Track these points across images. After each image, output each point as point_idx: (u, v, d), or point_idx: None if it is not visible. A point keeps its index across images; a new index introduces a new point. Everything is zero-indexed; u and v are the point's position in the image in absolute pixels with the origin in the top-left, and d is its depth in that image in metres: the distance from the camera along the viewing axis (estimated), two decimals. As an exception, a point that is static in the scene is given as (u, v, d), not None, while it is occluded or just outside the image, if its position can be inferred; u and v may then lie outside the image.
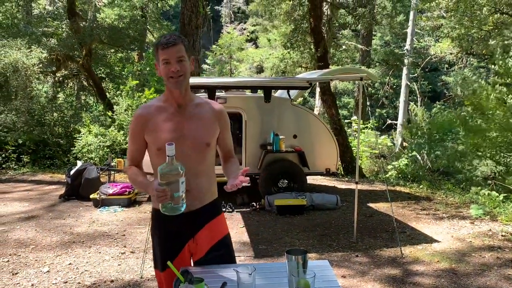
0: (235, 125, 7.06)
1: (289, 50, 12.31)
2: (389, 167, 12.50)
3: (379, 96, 25.90)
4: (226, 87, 7.19)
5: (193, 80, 5.96)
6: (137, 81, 12.49)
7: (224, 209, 6.62)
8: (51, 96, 12.67)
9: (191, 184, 2.02)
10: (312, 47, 11.20)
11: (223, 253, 2.15)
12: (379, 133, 20.51)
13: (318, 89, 15.12)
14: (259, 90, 8.31)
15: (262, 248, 5.01)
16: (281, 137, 6.92)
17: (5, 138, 10.67)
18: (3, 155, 10.58)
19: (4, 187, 8.42)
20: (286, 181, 7.07)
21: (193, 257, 2.18)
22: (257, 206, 6.73)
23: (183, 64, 2.00)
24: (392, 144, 17.89)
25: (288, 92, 7.36)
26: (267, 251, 4.89)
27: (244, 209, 6.71)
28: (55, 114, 12.02)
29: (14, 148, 10.69)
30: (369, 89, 24.00)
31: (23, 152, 10.86)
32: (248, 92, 7.97)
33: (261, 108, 7.02)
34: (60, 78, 14.46)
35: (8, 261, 4.54)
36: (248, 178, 1.93)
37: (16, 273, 4.21)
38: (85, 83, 15.49)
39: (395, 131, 20.14)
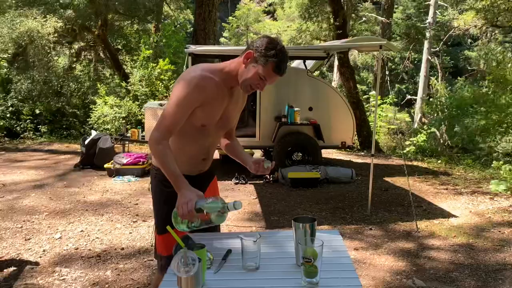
0: (249, 97, 6.89)
1: (306, 21, 11.99)
2: (407, 142, 12.27)
3: (399, 71, 25.30)
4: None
5: (207, 48, 5.83)
6: (150, 51, 12.35)
7: (237, 181, 6.57)
8: (67, 67, 12.66)
9: (210, 154, 2.20)
10: (330, 17, 10.88)
11: None
12: (398, 108, 20.10)
13: (336, 63, 14.80)
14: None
15: (274, 219, 4.95)
16: (296, 109, 6.77)
17: (23, 108, 10.77)
18: (22, 125, 10.70)
19: (21, 155, 8.51)
20: (301, 154, 6.95)
21: None
22: (271, 179, 6.65)
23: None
24: (410, 120, 17.54)
25: (304, 63, 7.16)
26: (279, 222, 4.83)
27: (257, 181, 6.65)
28: (72, 85, 12.05)
29: (32, 118, 10.79)
30: (389, 63, 23.45)
31: (41, 122, 10.97)
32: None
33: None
34: (77, 50, 14.44)
35: (22, 227, 4.58)
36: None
37: (29, 239, 4.25)
38: (101, 54, 15.45)
39: (414, 106, 19.70)
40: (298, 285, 1.61)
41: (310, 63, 7.43)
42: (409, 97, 23.09)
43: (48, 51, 10.81)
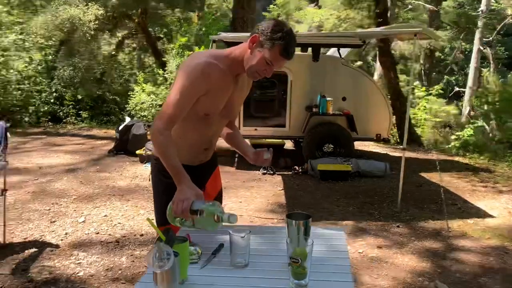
0: (280, 86, 6.76)
1: (346, 8, 11.60)
2: (453, 137, 11.72)
3: (449, 61, 24.19)
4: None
5: (229, 35, 5.76)
6: (185, 39, 12.39)
7: (265, 171, 6.47)
8: (109, 55, 12.96)
9: (212, 143, 2.13)
10: (372, 4, 10.47)
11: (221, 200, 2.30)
12: (446, 100, 19.24)
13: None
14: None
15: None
16: (328, 99, 6.56)
17: (66, 94, 11.13)
18: (64, 110, 11.08)
19: (61, 140, 8.80)
20: (332, 146, 6.74)
21: None
22: (299, 170, 6.50)
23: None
24: (458, 113, 16.73)
25: (338, 51, 6.91)
26: (302, 216, 4.69)
27: (285, 172, 6.52)
28: (112, 72, 12.33)
29: (74, 103, 11.14)
30: (437, 54, 22.42)
31: (82, 108, 11.31)
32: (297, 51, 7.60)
33: (308, 68, 6.65)
34: (120, 38, 14.72)
35: (49, 209, 4.70)
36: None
37: (54, 221, 4.35)
38: (144, 42, 15.67)
39: (463, 99, 18.78)
40: (287, 286, 1.50)
41: (344, 51, 7.17)
42: (457, 89, 22.04)
43: (89, 38, 11.07)
